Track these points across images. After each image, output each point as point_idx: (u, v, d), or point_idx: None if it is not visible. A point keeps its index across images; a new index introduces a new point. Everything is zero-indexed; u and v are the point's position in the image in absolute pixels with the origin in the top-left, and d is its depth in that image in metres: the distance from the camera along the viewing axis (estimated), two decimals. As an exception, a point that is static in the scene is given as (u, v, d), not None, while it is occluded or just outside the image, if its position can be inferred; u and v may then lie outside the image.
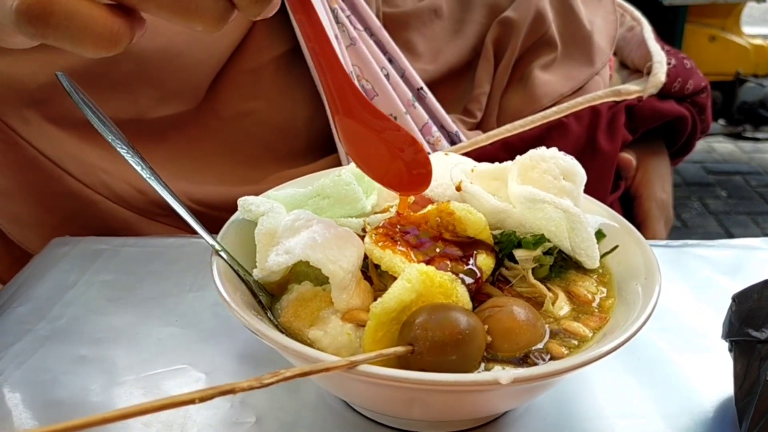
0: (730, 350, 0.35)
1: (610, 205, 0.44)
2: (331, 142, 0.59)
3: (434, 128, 0.60)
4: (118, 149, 0.38)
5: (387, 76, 0.58)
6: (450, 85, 0.65)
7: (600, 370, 0.38)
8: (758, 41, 2.82)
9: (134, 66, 0.53)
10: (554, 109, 0.59)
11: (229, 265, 0.35)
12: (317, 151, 0.60)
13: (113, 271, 0.48)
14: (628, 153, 0.66)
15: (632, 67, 0.73)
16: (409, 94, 0.59)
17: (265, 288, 0.35)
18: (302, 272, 0.35)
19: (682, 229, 2.43)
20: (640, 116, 0.63)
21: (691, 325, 0.42)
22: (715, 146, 3.27)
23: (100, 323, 0.42)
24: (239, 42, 0.57)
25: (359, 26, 0.59)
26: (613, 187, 0.64)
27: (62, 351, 0.40)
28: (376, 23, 0.60)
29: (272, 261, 0.32)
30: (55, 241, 0.52)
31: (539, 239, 0.35)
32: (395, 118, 0.58)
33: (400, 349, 0.29)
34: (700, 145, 3.35)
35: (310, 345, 0.31)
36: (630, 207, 0.69)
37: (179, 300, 0.45)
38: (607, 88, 0.64)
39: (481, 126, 0.65)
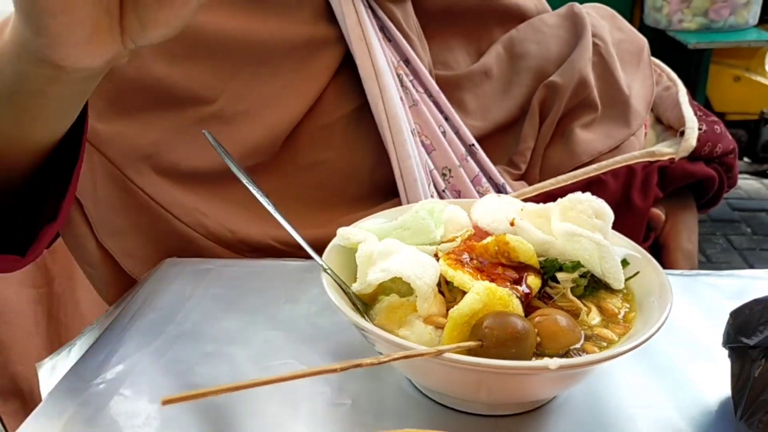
0: (729, 356, 0.44)
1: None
2: (391, 187, 0.67)
3: (484, 180, 0.69)
4: (253, 191, 0.49)
5: (444, 133, 0.68)
6: (497, 140, 0.74)
7: (623, 373, 0.47)
8: (783, 82, 2.87)
9: (221, 127, 0.64)
10: (594, 166, 0.68)
11: (334, 280, 0.45)
12: (380, 195, 0.69)
13: (221, 287, 0.58)
14: (659, 208, 0.74)
15: (666, 124, 0.80)
16: (463, 149, 0.69)
17: (360, 298, 0.45)
18: (388, 288, 0.45)
19: (706, 264, 2.49)
20: (672, 176, 0.72)
21: (699, 337, 0.51)
22: (741, 183, 3.32)
23: (216, 327, 0.53)
24: (314, 102, 0.67)
25: (420, 89, 0.69)
26: (644, 237, 0.72)
27: (191, 348, 0.50)
28: (435, 87, 0.70)
29: (372, 277, 0.42)
30: (167, 262, 0.63)
31: (576, 265, 0.45)
32: (450, 170, 0.68)
33: (472, 343, 0.38)
34: (727, 182, 3.39)
35: (401, 341, 0.41)
36: (659, 255, 0.76)
37: (278, 310, 0.55)
38: (642, 149, 0.72)
39: (525, 177, 0.73)
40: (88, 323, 0.71)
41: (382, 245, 0.44)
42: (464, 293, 0.41)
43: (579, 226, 0.45)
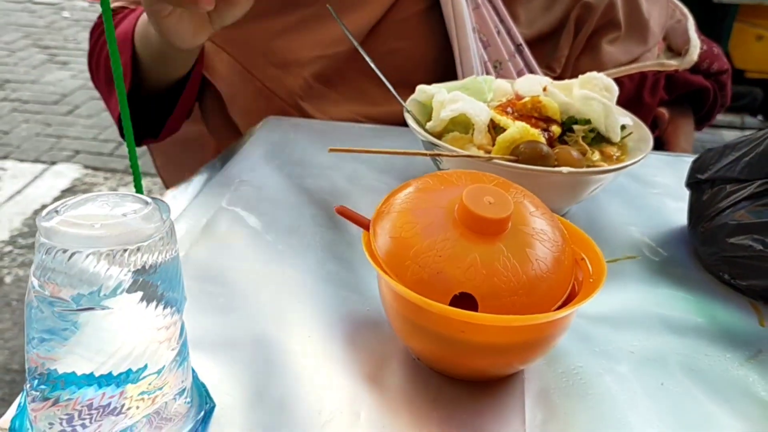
0: (689, 192, 0.62)
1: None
2: (452, 74, 0.83)
3: (527, 74, 0.86)
4: (366, 58, 0.67)
5: (498, 32, 0.85)
6: (540, 46, 0.89)
7: (611, 194, 0.65)
8: (806, 43, 2.95)
9: (318, 24, 0.81)
10: (613, 70, 0.85)
11: (414, 118, 0.63)
12: (442, 80, 0.86)
13: (315, 132, 0.77)
14: (664, 109, 0.91)
15: (676, 50, 0.97)
16: (512, 47, 0.85)
17: (431, 133, 0.63)
18: (451, 128, 0.63)
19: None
20: (676, 82, 0.89)
21: (675, 188, 0.69)
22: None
23: (316, 159, 0.71)
24: (393, 2, 0.83)
25: None
26: (650, 129, 0.90)
27: (300, 169, 0.69)
28: None
29: (444, 114, 0.60)
30: (271, 117, 0.81)
31: (587, 121, 0.62)
32: (500, 63, 0.84)
33: (511, 156, 0.57)
34: (741, 138, 3.51)
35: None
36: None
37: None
38: (654, 60, 0.89)
39: (559, 78, 0.90)
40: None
41: (450, 95, 0.62)
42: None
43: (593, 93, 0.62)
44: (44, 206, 2.40)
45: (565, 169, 0.54)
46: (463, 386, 0.44)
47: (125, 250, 0.33)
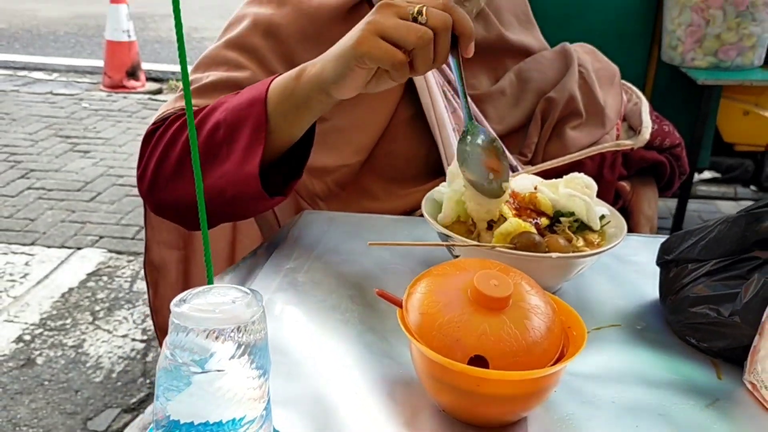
0: (660, 270, 0.75)
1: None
2: (438, 168, 0.97)
3: None
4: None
5: None
6: (511, 138, 1.04)
7: (595, 279, 0.78)
8: (789, 118, 3.11)
9: (336, 135, 0.96)
10: (576, 153, 1.00)
11: (427, 215, 0.77)
12: (431, 174, 1.00)
13: (345, 224, 0.90)
14: (626, 183, 1.06)
15: (635, 128, 1.12)
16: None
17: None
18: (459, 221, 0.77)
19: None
20: (632, 159, 1.05)
21: (647, 267, 0.82)
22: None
23: (346, 245, 0.85)
24: (391, 116, 0.98)
25: (458, 101, 1.00)
26: (614, 203, 1.04)
27: (333, 255, 0.82)
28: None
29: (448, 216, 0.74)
30: (305, 212, 0.95)
31: (572, 213, 0.76)
32: None
33: (511, 245, 0.70)
34: (734, 208, 3.64)
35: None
36: (627, 218, 1.08)
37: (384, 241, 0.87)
38: (612, 142, 1.04)
39: (531, 163, 1.04)
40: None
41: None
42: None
43: (576, 191, 0.76)
44: (71, 290, 2.53)
45: (554, 255, 0.68)
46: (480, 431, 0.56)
47: (233, 329, 0.46)
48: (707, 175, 3.19)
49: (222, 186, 0.80)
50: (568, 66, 1.08)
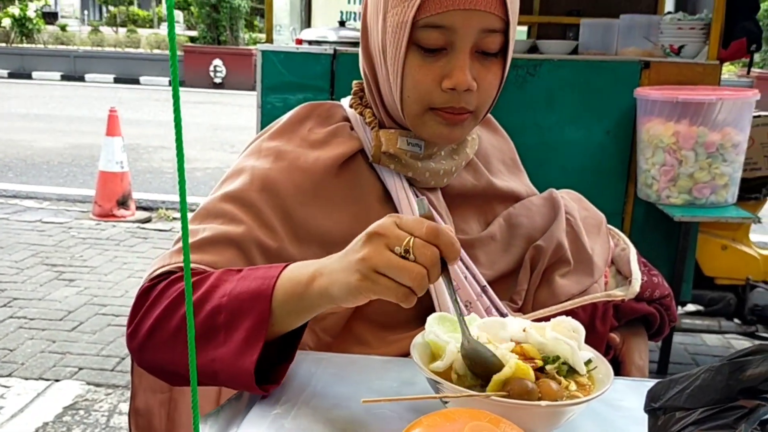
0: (648, 417, 0.75)
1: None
2: (430, 313, 0.99)
3: (494, 310, 1.01)
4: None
5: (465, 277, 1.01)
6: (501, 284, 1.06)
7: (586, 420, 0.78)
8: (766, 252, 3.19)
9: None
10: (568, 303, 1.02)
11: (417, 361, 0.77)
12: (423, 319, 1.01)
13: (334, 367, 0.90)
14: (616, 334, 1.07)
15: (623, 274, 1.15)
16: (478, 288, 1.01)
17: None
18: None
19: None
20: (623, 311, 1.06)
21: (637, 413, 0.82)
22: (733, 343, 3.57)
23: (334, 390, 0.84)
24: None
25: None
26: (605, 355, 1.05)
27: (324, 399, 0.82)
28: None
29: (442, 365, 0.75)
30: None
31: (557, 358, 0.77)
32: (470, 303, 0.99)
33: (504, 392, 0.70)
34: (720, 341, 3.67)
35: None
36: (618, 369, 1.08)
37: (371, 383, 0.86)
38: (602, 292, 1.06)
39: (521, 310, 1.05)
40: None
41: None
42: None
43: (563, 335, 0.78)
44: (46, 424, 2.45)
45: (543, 403, 0.68)
46: None
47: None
48: (691, 308, 3.22)
49: (215, 369, 0.81)
50: (556, 213, 1.11)
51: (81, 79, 15.04)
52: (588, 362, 0.79)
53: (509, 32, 0.93)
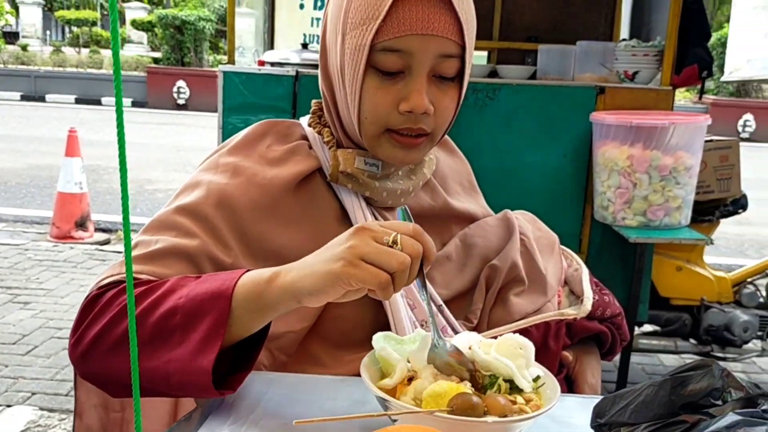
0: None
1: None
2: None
3: (449, 329, 1.02)
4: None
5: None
6: (457, 303, 1.07)
7: (537, 445, 0.79)
8: (720, 273, 3.26)
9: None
10: (522, 321, 1.03)
11: (366, 379, 0.77)
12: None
13: (284, 387, 0.90)
14: (568, 352, 1.09)
15: (576, 294, 1.17)
16: (434, 308, 1.02)
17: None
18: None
19: None
20: (575, 329, 1.08)
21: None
22: (689, 362, 3.60)
23: (286, 411, 0.84)
24: None
25: None
26: (557, 373, 1.06)
27: (276, 419, 0.81)
28: None
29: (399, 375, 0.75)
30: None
31: (495, 378, 0.78)
32: (426, 322, 0.99)
33: (448, 408, 0.71)
34: (676, 361, 3.72)
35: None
36: (572, 387, 1.10)
37: (324, 404, 0.86)
38: (555, 311, 1.08)
39: (476, 329, 1.06)
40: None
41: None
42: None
43: (508, 352, 0.78)
44: (-5, 452, 2.37)
45: (490, 419, 0.69)
46: None
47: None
48: (648, 328, 3.27)
49: (168, 371, 0.80)
50: (511, 233, 1.13)
51: (41, 99, 14.80)
52: (536, 379, 0.80)
53: (465, 57, 0.95)
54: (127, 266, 0.53)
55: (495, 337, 0.88)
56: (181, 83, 14.51)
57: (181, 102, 14.51)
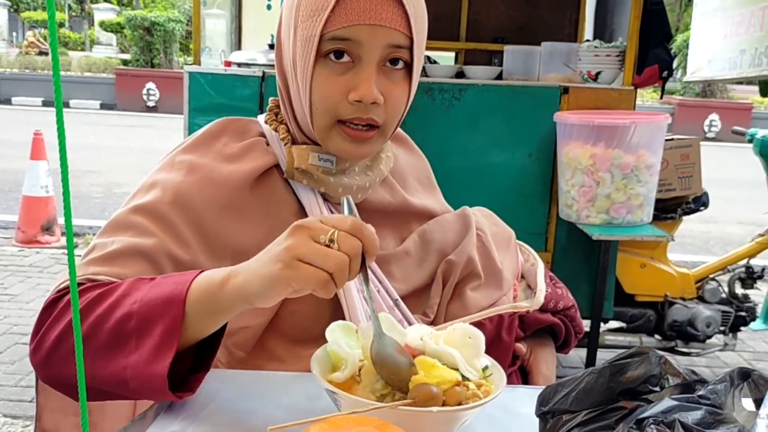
0: (539, 420, 0.78)
1: (509, 376, 0.87)
2: None
3: (405, 323, 1.04)
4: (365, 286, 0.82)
5: (378, 291, 1.03)
6: (415, 298, 1.08)
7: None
8: (683, 270, 3.32)
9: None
10: (475, 315, 1.05)
11: (316, 373, 0.78)
12: None
13: (241, 382, 0.90)
14: (522, 344, 1.11)
15: (531, 288, 1.19)
16: (390, 302, 1.03)
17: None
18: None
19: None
20: (528, 321, 1.10)
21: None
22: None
23: (239, 406, 0.84)
24: None
25: None
26: (512, 364, 1.08)
27: (232, 418, 0.82)
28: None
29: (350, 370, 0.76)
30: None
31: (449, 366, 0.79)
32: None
33: (409, 400, 0.72)
34: (643, 356, 3.75)
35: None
36: (527, 378, 1.12)
37: (278, 399, 0.87)
38: (509, 304, 1.10)
39: (433, 323, 1.08)
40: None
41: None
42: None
43: (459, 345, 0.80)
44: (-44, 459, 2.33)
45: (435, 409, 0.70)
46: None
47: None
48: (613, 324, 3.32)
49: (125, 377, 0.81)
50: (467, 229, 1.15)
51: (7, 102, 14.55)
52: (485, 369, 0.82)
53: (414, 50, 0.96)
54: (70, 271, 0.53)
55: (447, 329, 0.89)
56: (150, 85, 14.37)
57: (150, 104, 14.36)
